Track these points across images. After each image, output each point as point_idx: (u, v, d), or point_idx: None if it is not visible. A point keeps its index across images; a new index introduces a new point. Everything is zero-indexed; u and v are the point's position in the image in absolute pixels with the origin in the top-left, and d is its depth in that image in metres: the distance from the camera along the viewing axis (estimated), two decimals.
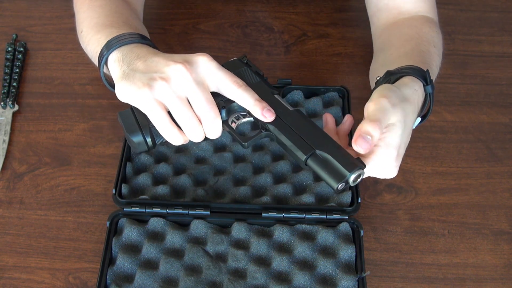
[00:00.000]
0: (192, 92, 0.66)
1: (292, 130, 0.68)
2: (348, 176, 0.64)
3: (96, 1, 0.83)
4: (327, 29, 1.08)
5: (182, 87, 0.66)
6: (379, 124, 0.63)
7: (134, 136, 0.69)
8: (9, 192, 0.87)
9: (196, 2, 1.12)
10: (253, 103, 0.68)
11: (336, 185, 0.64)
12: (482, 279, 0.80)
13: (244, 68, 0.74)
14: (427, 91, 0.73)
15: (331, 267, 0.77)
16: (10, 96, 0.96)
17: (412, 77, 0.72)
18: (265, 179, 0.85)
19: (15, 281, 0.79)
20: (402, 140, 0.67)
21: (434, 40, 0.84)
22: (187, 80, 0.65)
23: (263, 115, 0.68)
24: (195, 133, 0.68)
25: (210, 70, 0.67)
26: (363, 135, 0.63)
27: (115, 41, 0.72)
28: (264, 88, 0.72)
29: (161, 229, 0.81)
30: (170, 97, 0.66)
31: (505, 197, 0.87)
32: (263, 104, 0.68)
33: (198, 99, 0.66)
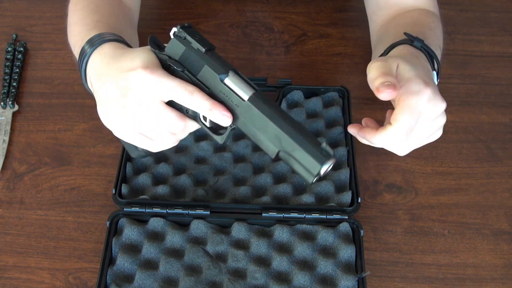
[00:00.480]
0: (151, 118, 0.64)
1: (251, 127, 0.62)
2: (318, 171, 0.59)
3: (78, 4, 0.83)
4: (327, 29, 1.08)
5: (139, 120, 0.65)
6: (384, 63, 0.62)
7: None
8: (9, 192, 0.87)
9: (196, 2, 1.12)
10: (207, 112, 0.63)
11: (310, 180, 0.60)
12: (482, 279, 0.80)
13: (184, 50, 0.64)
14: (416, 46, 0.73)
15: (331, 267, 0.77)
16: (10, 96, 0.96)
17: (399, 46, 0.73)
18: (265, 179, 0.85)
19: (15, 281, 0.79)
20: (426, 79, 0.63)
21: (430, 25, 0.83)
22: (140, 112, 0.64)
23: (220, 122, 0.63)
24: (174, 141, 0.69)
25: (152, 85, 0.62)
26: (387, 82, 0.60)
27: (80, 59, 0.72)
28: (212, 76, 0.63)
29: (161, 229, 0.81)
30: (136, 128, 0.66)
31: (505, 197, 0.87)
32: (215, 110, 0.63)
33: (160, 121, 0.64)
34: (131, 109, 0.64)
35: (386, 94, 0.60)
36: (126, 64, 0.65)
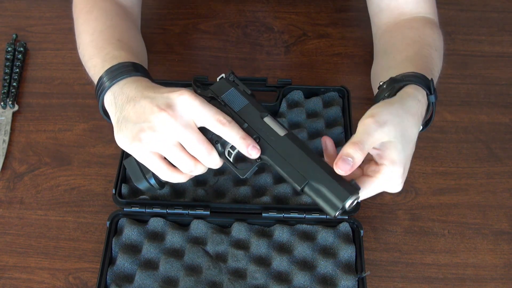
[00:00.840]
0: (181, 135, 0.67)
1: (284, 159, 0.68)
2: (343, 205, 0.64)
3: (91, 13, 0.83)
4: (327, 29, 1.08)
5: (170, 134, 0.66)
6: (360, 145, 0.63)
7: (140, 183, 0.73)
8: (9, 192, 0.87)
9: (196, 2, 1.11)
10: (238, 141, 0.68)
11: (333, 213, 0.65)
12: (482, 279, 0.80)
13: (231, 90, 0.72)
14: (430, 100, 0.73)
15: (331, 267, 0.77)
16: (10, 96, 0.96)
17: (415, 86, 0.72)
18: (265, 179, 0.85)
19: (15, 281, 0.79)
20: (406, 154, 0.67)
21: (436, 43, 0.84)
22: (173, 127, 0.66)
23: (248, 152, 0.68)
24: (195, 171, 0.70)
25: (193, 108, 0.67)
26: (344, 157, 0.63)
27: (106, 81, 0.72)
28: (253, 112, 0.71)
29: (161, 229, 0.81)
30: (160, 146, 0.67)
31: (505, 197, 0.87)
32: (248, 141, 0.68)
33: (189, 141, 0.67)
34: (164, 124, 0.66)
35: (339, 170, 0.64)
36: (169, 90, 0.68)
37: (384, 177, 0.66)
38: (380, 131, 0.64)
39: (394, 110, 0.67)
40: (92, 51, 0.79)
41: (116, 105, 0.71)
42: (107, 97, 0.72)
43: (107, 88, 0.72)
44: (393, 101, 0.69)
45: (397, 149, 0.65)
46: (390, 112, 0.66)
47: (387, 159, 0.66)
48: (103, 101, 0.73)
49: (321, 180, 0.65)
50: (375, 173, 0.66)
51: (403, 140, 0.66)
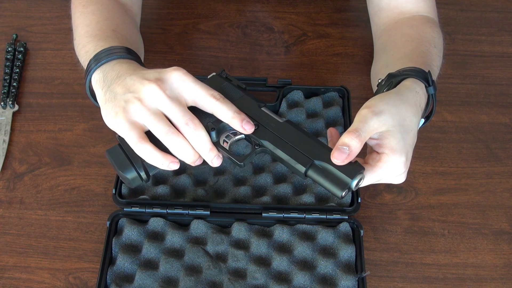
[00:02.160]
0: (167, 107, 0.65)
1: (286, 142, 0.67)
2: (351, 183, 0.63)
3: (88, 7, 0.83)
4: (327, 29, 1.08)
5: (156, 104, 0.65)
6: (356, 133, 0.63)
7: (127, 172, 0.67)
8: (9, 192, 0.87)
9: (196, 2, 1.12)
10: (231, 116, 0.66)
11: (340, 193, 0.64)
12: (482, 279, 0.80)
13: (225, 84, 0.72)
14: (429, 92, 0.73)
15: (331, 267, 0.77)
16: (10, 96, 0.96)
17: (413, 79, 0.72)
18: (265, 179, 0.85)
19: (15, 281, 0.79)
20: (406, 143, 0.66)
21: (435, 41, 0.84)
22: (161, 97, 0.65)
23: (243, 127, 0.66)
24: (180, 149, 0.66)
25: (185, 84, 0.66)
26: (340, 146, 0.63)
27: (95, 61, 0.72)
28: (249, 102, 0.70)
29: (161, 229, 0.81)
30: (144, 115, 0.65)
31: (505, 197, 0.87)
32: (241, 116, 0.67)
33: (173, 112, 0.65)
34: (152, 94, 0.65)
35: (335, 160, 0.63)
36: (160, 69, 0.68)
37: (385, 165, 0.65)
38: (376, 120, 0.64)
39: (390, 101, 0.67)
40: (85, 39, 0.78)
41: (105, 81, 0.69)
42: (96, 76, 0.71)
43: (97, 65, 0.71)
44: (389, 93, 0.69)
45: (396, 137, 0.65)
46: (386, 102, 0.66)
47: (386, 147, 0.65)
48: (90, 81, 0.72)
49: (326, 159, 0.64)
50: (376, 161, 0.66)
51: (402, 129, 0.66)
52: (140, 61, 0.75)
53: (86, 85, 0.74)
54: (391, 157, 0.65)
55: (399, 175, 0.68)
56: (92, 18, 0.81)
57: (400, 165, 0.66)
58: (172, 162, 0.67)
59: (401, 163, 0.66)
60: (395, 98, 0.68)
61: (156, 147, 0.66)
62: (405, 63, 0.76)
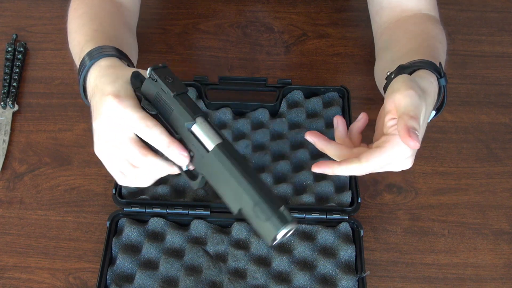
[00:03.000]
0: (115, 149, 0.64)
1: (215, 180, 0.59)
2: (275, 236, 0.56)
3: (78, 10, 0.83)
4: (327, 29, 1.08)
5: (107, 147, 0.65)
6: (418, 121, 0.61)
7: None
8: (9, 192, 0.87)
9: (196, 2, 1.11)
10: (166, 146, 0.61)
11: (269, 243, 0.57)
12: (482, 279, 0.80)
13: (156, 94, 0.62)
14: (441, 83, 0.72)
15: (331, 267, 0.77)
16: (10, 96, 0.96)
17: (426, 70, 0.71)
18: (265, 179, 0.85)
19: (15, 281, 0.79)
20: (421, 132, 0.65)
21: (439, 37, 0.84)
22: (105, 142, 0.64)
23: (177, 160, 0.61)
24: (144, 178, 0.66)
25: (118, 114, 0.62)
26: (412, 130, 0.59)
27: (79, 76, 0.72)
28: (180, 121, 0.60)
29: (161, 229, 0.81)
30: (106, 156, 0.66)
31: (505, 197, 0.87)
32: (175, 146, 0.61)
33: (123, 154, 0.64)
34: (99, 135, 0.65)
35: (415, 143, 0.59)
36: (105, 88, 0.65)
37: (394, 147, 0.63)
38: (420, 105, 0.63)
39: (420, 86, 0.66)
40: (75, 49, 0.78)
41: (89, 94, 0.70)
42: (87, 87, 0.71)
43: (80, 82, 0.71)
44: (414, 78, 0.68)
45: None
46: (419, 87, 0.65)
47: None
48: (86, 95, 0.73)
49: (250, 209, 0.57)
50: (385, 143, 0.64)
51: (424, 117, 0.65)
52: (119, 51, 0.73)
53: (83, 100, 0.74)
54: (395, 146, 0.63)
55: (406, 158, 0.66)
56: (79, 22, 0.81)
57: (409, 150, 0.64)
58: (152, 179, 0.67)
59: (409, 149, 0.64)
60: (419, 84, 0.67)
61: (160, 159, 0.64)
62: (414, 56, 0.75)
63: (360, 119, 0.70)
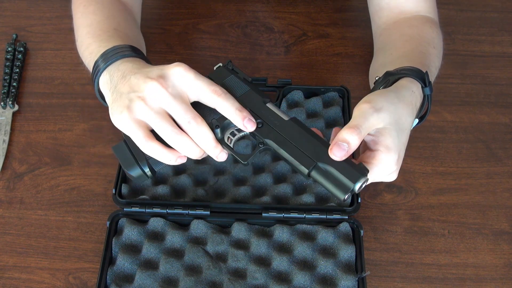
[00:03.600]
0: (169, 105, 0.65)
1: (289, 142, 0.66)
2: (354, 187, 0.63)
3: (89, 7, 0.83)
4: (327, 29, 1.08)
5: (159, 103, 0.66)
6: (356, 130, 0.62)
7: (132, 170, 0.68)
8: (9, 192, 0.87)
9: (196, 2, 1.11)
10: (233, 112, 0.66)
11: (343, 196, 0.63)
12: (482, 279, 0.80)
13: (231, 76, 0.71)
14: (425, 92, 0.73)
15: (331, 267, 0.77)
16: (10, 96, 0.96)
17: (410, 79, 0.72)
18: (265, 179, 0.85)
19: (15, 281, 0.79)
20: (400, 142, 0.66)
21: (435, 41, 0.84)
22: (163, 95, 0.65)
23: (244, 125, 0.66)
24: (184, 146, 0.66)
25: (187, 80, 0.66)
26: (339, 142, 0.62)
27: (101, 62, 0.72)
28: (255, 98, 0.69)
29: (161, 229, 0.81)
30: (148, 114, 0.66)
31: (505, 197, 0.87)
32: (243, 113, 0.66)
33: (176, 110, 0.65)
34: (154, 92, 0.65)
35: (334, 156, 0.63)
36: (163, 65, 0.68)
37: (379, 164, 0.65)
38: (376, 116, 0.64)
39: (389, 98, 0.67)
40: (88, 40, 0.79)
41: (112, 82, 0.70)
42: (103, 78, 0.72)
43: (103, 68, 0.71)
44: (387, 90, 0.69)
45: (392, 135, 0.65)
46: (385, 99, 0.66)
47: (382, 145, 0.65)
48: (99, 83, 0.73)
49: (330, 162, 0.63)
50: (370, 159, 0.66)
51: (398, 127, 0.66)
52: (145, 58, 0.75)
53: (95, 88, 0.74)
54: (385, 155, 0.65)
55: (390, 174, 0.68)
56: (93, 18, 0.82)
57: (392, 164, 0.66)
58: (179, 157, 0.68)
59: (394, 161, 0.66)
60: (393, 96, 0.68)
61: (162, 144, 0.66)
62: (403, 63, 0.76)
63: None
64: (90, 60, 0.76)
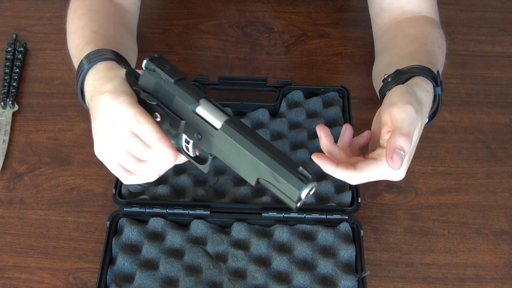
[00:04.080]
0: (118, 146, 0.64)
1: (228, 155, 0.60)
2: (299, 196, 0.57)
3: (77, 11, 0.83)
4: (327, 29, 1.08)
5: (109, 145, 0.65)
6: (410, 138, 0.60)
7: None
8: (9, 192, 0.87)
9: (196, 2, 1.11)
10: (155, 142, 0.61)
11: (294, 205, 0.58)
12: (482, 279, 0.80)
13: (155, 83, 0.62)
14: (437, 92, 0.72)
15: (331, 267, 0.77)
16: (10, 96, 0.96)
17: (423, 78, 0.71)
18: None
19: (15, 281, 0.79)
20: (414, 144, 0.66)
21: (439, 41, 0.84)
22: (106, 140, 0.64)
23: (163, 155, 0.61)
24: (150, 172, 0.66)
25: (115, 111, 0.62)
26: (398, 151, 0.59)
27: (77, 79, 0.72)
28: (183, 106, 0.61)
29: (161, 229, 0.81)
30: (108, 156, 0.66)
31: (505, 197, 0.87)
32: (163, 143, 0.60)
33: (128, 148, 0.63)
34: (99, 134, 0.65)
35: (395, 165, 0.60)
36: (102, 87, 0.65)
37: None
38: (417, 120, 0.63)
39: (417, 98, 0.66)
40: (73, 50, 0.79)
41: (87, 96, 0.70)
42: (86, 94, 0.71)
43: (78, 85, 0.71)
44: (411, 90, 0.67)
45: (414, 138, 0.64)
46: (416, 99, 0.65)
47: None
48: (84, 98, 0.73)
49: (269, 176, 0.57)
50: (381, 156, 0.64)
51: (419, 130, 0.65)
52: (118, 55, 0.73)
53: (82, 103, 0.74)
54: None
55: (399, 172, 0.66)
56: (78, 24, 0.81)
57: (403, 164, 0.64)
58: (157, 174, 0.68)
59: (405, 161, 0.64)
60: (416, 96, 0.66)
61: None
62: (411, 62, 0.75)
63: (364, 136, 0.69)
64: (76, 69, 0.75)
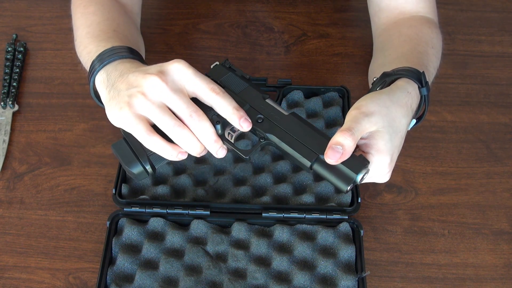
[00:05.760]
0: (170, 98, 0.65)
1: (291, 136, 0.67)
2: (356, 178, 0.64)
3: (89, 7, 0.84)
4: (327, 29, 1.08)
5: (159, 97, 0.65)
6: (349, 132, 0.63)
7: (133, 167, 0.68)
8: (9, 192, 0.87)
9: (196, 2, 1.12)
10: (230, 111, 0.66)
11: (346, 187, 0.64)
12: (482, 279, 0.80)
13: (229, 74, 0.72)
14: (422, 93, 0.73)
15: (331, 267, 0.77)
16: (10, 96, 0.96)
17: (406, 79, 0.72)
18: (265, 179, 0.85)
19: (15, 281, 0.79)
20: (393, 145, 0.66)
21: (433, 41, 0.85)
22: (163, 89, 0.65)
23: (240, 124, 0.67)
24: (185, 140, 0.66)
25: (186, 76, 0.66)
26: (333, 146, 0.63)
27: (98, 62, 0.72)
28: (254, 94, 0.70)
29: (161, 229, 0.81)
30: (149, 108, 0.65)
31: (505, 197, 0.87)
32: (240, 112, 0.67)
33: (177, 104, 0.66)
34: (154, 87, 0.65)
35: (329, 159, 0.63)
36: (151, 68, 0.68)
37: (371, 166, 0.66)
38: (367, 120, 0.64)
39: (381, 101, 0.67)
40: (87, 40, 0.79)
41: (109, 81, 0.70)
42: (99, 77, 0.72)
43: (100, 67, 0.71)
44: (381, 92, 0.69)
45: (384, 138, 0.65)
46: (377, 103, 0.66)
47: (373, 148, 0.65)
48: (94, 82, 0.73)
49: None
50: None
51: (391, 130, 0.66)
52: (142, 60, 0.76)
53: (90, 86, 0.74)
54: (377, 158, 0.66)
55: (383, 175, 0.68)
56: (93, 19, 0.82)
57: (385, 166, 0.66)
58: (180, 152, 0.68)
59: (386, 164, 0.66)
60: (386, 98, 0.68)
61: (164, 139, 0.66)
62: (401, 63, 0.76)
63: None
64: (88, 60, 0.76)
